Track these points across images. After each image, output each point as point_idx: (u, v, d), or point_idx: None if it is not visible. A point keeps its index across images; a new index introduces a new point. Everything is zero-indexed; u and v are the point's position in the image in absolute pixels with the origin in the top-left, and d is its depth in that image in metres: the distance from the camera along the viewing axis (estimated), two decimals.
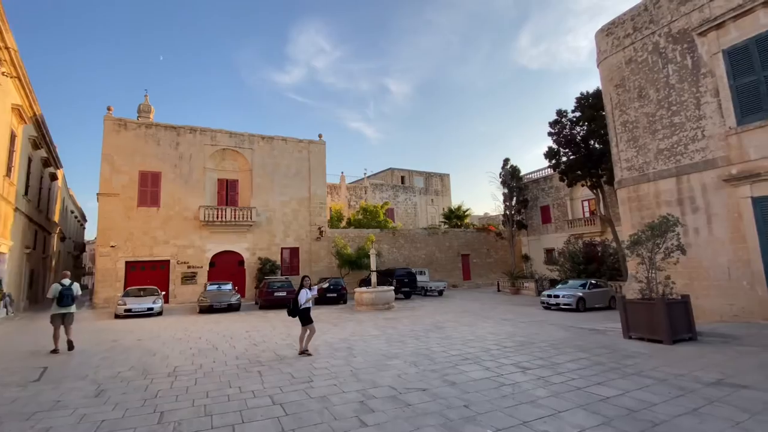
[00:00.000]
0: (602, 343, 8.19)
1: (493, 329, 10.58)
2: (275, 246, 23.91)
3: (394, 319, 13.05)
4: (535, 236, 30.95)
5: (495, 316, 13.82)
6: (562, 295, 16.47)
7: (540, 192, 30.72)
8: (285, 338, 9.70)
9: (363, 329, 10.78)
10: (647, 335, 8.28)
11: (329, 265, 24.61)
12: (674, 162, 10.62)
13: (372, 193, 34.53)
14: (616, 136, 12.16)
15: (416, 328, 10.97)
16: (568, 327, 10.91)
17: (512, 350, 7.70)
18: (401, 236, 28.20)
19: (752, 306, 9.03)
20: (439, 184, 47.26)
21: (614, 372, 5.86)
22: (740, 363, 6.17)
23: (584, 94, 20.83)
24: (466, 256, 30.41)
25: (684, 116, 10.44)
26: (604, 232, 24.94)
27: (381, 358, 7.14)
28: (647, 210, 11.22)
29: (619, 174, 12.10)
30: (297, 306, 7.44)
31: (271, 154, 24.75)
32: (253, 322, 12.91)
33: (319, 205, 25.31)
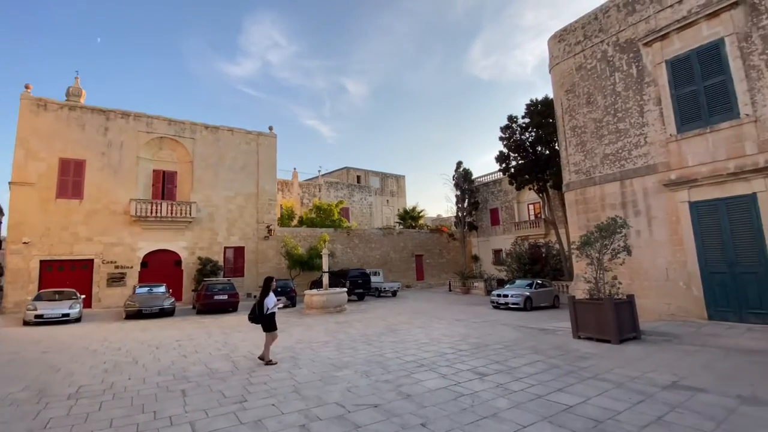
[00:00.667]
0: (554, 344, 8.14)
1: (447, 331, 10.29)
2: (218, 245, 22.15)
3: (346, 322, 12.36)
4: (484, 237, 31.76)
5: (448, 316, 13.64)
6: (511, 294, 16.77)
7: (490, 195, 31.58)
8: (221, 348, 8.65)
9: (311, 335, 9.99)
10: (596, 335, 8.36)
11: (278, 266, 23.29)
12: (619, 166, 11.03)
13: (326, 191, 33.49)
14: (566, 140, 12.48)
15: (369, 331, 10.39)
16: (518, 327, 10.91)
17: (468, 354, 7.37)
18: (356, 236, 27.53)
19: (688, 305, 9.53)
20: (394, 185, 47.24)
21: (571, 376, 5.66)
22: (687, 363, 6.27)
23: (534, 101, 21.57)
24: (420, 256, 30.44)
25: (629, 123, 10.88)
26: (547, 234, 26.07)
27: (329, 369, 6.44)
28: (593, 212, 11.58)
29: (567, 177, 12.42)
30: (262, 311, 6.79)
31: (215, 145, 22.93)
32: (187, 330, 11.57)
33: (268, 201, 23.89)
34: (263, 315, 6.79)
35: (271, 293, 6.94)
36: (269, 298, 6.85)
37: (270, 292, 6.94)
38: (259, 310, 6.86)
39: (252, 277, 22.64)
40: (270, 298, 6.83)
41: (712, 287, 9.17)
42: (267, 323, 6.81)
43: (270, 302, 6.80)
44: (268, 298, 6.84)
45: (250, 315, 7.01)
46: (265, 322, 6.81)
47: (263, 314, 6.79)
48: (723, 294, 8.99)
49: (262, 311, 6.82)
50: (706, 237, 9.31)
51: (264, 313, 6.78)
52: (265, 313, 6.78)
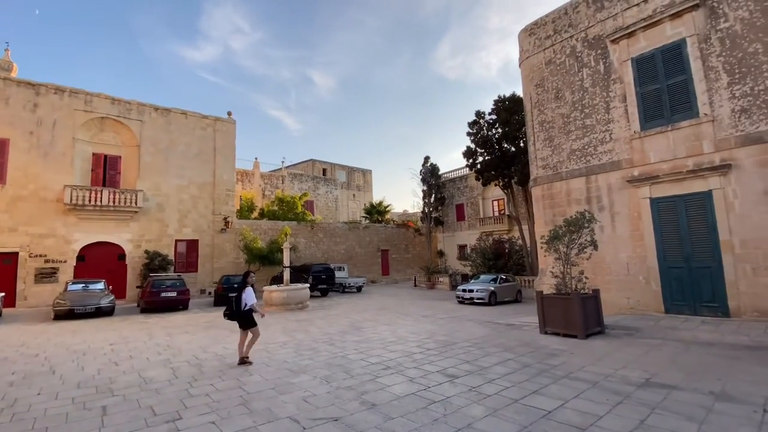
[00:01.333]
0: (522, 340, 7.94)
1: (414, 328, 9.88)
2: (168, 237, 20.47)
3: (307, 320, 11.64)
4: (449, 233, 31.94)
5: (414, 312, 13.28)
6: (476, 289, 16.74)
7: (456, 191, 31.75)
8: (161, 352, 7.67)
9: (268, 335, 9.20)
10: (562, 330, 8.27)
11: (236, 261, 21.96)
12: (585, 162, 11.10)
13: (290, 183, 32.14)
14: (534, 135, 12.44)
15: (331, 330, 9.75)
16: (485, 323, 10.73)
17: (436, 353, 6.96)
18: (320, 230, 26.61)
19: (647, 299, 9.73)
20: (361, 179, 46.48)
21: (545, 375, 5.38)
22: (653, 358, 6.22)
23: (502, 97, 21.70)
24: (386, 251, 30.05)
25: (595, 119, 10.95)
26: (510, 230, 26.58)
27: (285, 375, 5.76)
28: (559, 207, 11.61)
29: (534, 172, 12.40)
30: (240, 307, 6.32)
31: (166, 129, 21.11)
32: (126, 331, 10.36)
33: (225, 192, 22.42)
34: (241, 311, 6.32)
35: (249, 288, 6.46)
36: (247, 292, 6.37)
37: (249, 287, 6.46)
38: (236, 306, 6.36)
39: (207, 272, 21.19)
40: (248, 292, 6.37)
41: (669, 281, 9.40)
42: (245, 320, 6.37)
43: (249, 297, 6.34)
44: (246, 292, 6.36)
45: (226, 311, 6.52)
46: (243, 319, 6.36)
47: (241, 310, 6.32)
48: (679, 288, 9.23)
49: (239, 307, 6.33)
50: (665, 233, 9.51)
51: (242, 310, 6.31)
52: (243, 309, 6.31)
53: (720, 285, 8.58)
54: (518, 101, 21.08)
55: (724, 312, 8.52)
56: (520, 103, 21.08)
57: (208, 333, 9.73)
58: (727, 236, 8.53)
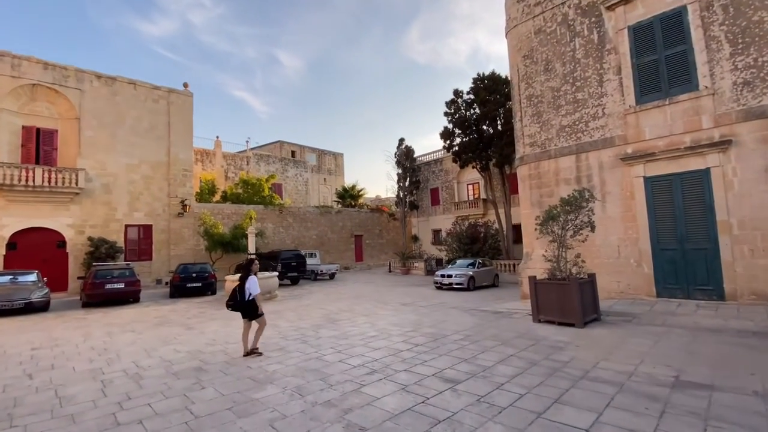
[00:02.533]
0: (517, 331, 7.22)
1: (395, 318, 8.98)
2: (116, 223, 18.35)
3: (275, 313, 10.45)
4: (424, 217, 31.30)
5: (393, 300, 12.41)
6: (455, 274, 16.12)
7: (431, 174, 31.01)
8: (94, 358, 6.30)
9: (229, 333, 7.98)
10: (558, 318, 7.63)
11: (196, 248, 20.16)
12: (575, 139, 10.46)
13: (256, 164, 30.07)
14: (521, 110, 11.65)
15: (304, 324, 8.66)
16: (470, 310, 10.01)
17: (426, 350, 6.06)
18: (290, 215, 25.07)
19: (638, 283, 9.32)
20: (332, 163, 44.71)
21: (559, 377, 4.60)
22: (666, 349, 5.62)
23: (481, 75, 20.85)
24: (360, 236, 28.99)
25: (587, 92, 10.27)
26: (486, 213, 26.23)
27: (247, 387, 4.65)
28: (546, 188, 10.97)
29: (521, 150, 11.66)
30: (244, 297, 5.95)
31: (111, 100, 18.70)
32: (58, 331, 8.78)
33: (182, 172, 20.37)
34: (245, 301, 5.95)
35: (253, 277, 6.06)
36: (251, 281, 6.00)
37: (252, 276, 6.07)
38: (240, 296, 5.97)
39: (163, 260, 19.30)
40: (252, 281, 5.99)
41: (662, 264, 8.99)
42: (250, 310, 5.99)
43: (253, 287, 5.97)
44: (249, 281, 5.99)
45: (230, 302, 6.10)
46: (248, 309, 5.99)
47: (245, 300, 5.95)
48: (672, 271, 8.84)
49: (243, 297, 5.95)
50: (659, 213, 9.05)
51: (246, 299, 5.95)
52: (247, 299, 5.95)
53: (716, 267, 8.22)
54: (498, 80, 20.34)
55: (719, 295, 8.19)
56: (499, 82, 20.36)
57: (158, 331, 8.37)
58: (724, 216, 8.13)
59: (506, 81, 20.50)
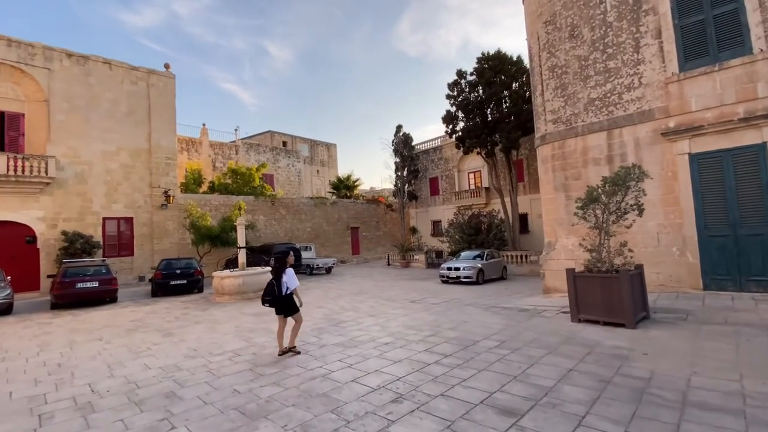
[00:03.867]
0: (558, 334, 6.09)
1: (408, 319, 7.80)
2: (93, 215, 16.83)
3: (269, 312, 9.19)
4: (423, 208, 30.12)
5: (399, 296, 11.24)
6: (463, 267, 15.02)
7: (430, 163, 29.77)
8: (43, 378, 5.00)
9: (214, 340, 6.74)
10: (603, 317, 6.52)
11: (181, 242, 18.73)
12: (606, 113, 9.29)
13: (245, 154, 28.47)
14: (542, 83, 10.45)
15: (303, 327, 7.43)
16: (489, 308, 8.89)
17: (459, 361, 4.90)
18: (282, 206, 23.67)
19: (680, 274, 8.26)
20: (325, 154, 43.14)
21: (653, 404, 3.45)
22: (754, 355, 4.53)
23: (486, 54, 19.55)
24: (356, 229, 27.73)
25: (620, 60, 9.09)
26: (488, 203, 25.17)
27: (232, 424, 3.43)
28: (572, 169, 9.83)
29: (542, 128, 10.48)
30: (281, 291, 5.52)
31: (84, 81, 17.04)
32: (12, 340, 7.43)
33: (165, 160, 18.83)
34: (283, 296, 5.53)
35: (290, 269, 5.69)
36: (289, 275, 5.62)
37: (290, 269, 5.68)
38: (278, 292, 5.51)
39: (145, 255, 17.86)
40: (290, 275, 5.64)
41: (710, 253, 7.93)
42: (288, 306, 5.60)
43: (291, 280, 5.60)
44: (287, 275, 5.60)
45: (266, 297, 5.63)
46: (286, 305, 5.59)
47: (282, 295, 5.53)
48: (722, 260, 7.78)
49: (280, 291, 5.52)
50: (706, 195, 7.96)
51: (284, 294, 5.53)
52: (285, 294, 5.53)
53: None
54: (504, 59, 19.09)
55: None
56: (505, 62, 19.12)
57: (130, 339, 7.08)
58: None
59: (512, 61, 19.26)
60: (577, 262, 9.78)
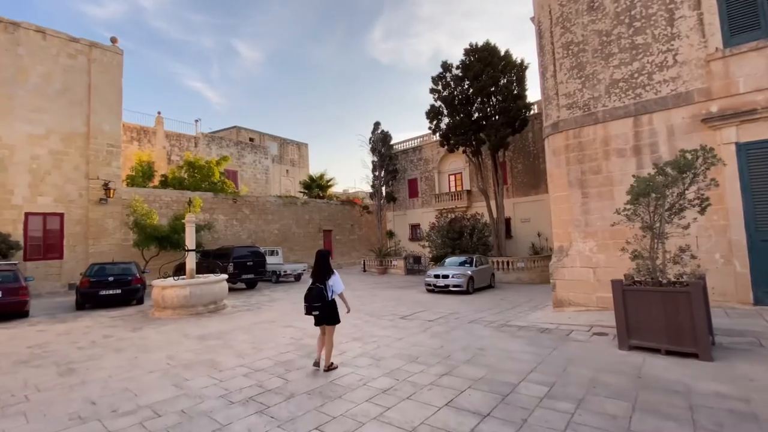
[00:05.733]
0: (621, 371, 4.47)
1: (405, 344, 5.99)
2: (13, 209, 13.93)
3: (220, 335, 7.10)
4: (401, 211, 28.47)
5: (383, 310, 9.41)
6: (452, 275, 13.42)
7: (408, 164, 28.22)
8: None
9: (131, 382, 4.62)
10: (666, 344, 4.99)
11: (124, 243, 16.01)
12: (633, 97, 7.97)
13: (206, 147, 25.70)
14: (555, 63, 9.04)
15: (263, 359, 5.45)
16: (501, 327, 7.25)
17: (507, 427, 3.13)
18: (246, 205, 21.26)
19: (725, 286, 6.96)
20: (295, 153, 40.70)
21: None
22: None
23: (473, 45, 18.25)
24: (329, 232, 25.64)
25: (651, 35, 7.80)
26: (470, 206, 23.90)
27: None
28: (591, 162, 8.43)
29: (554, 114, 9.05)
30: (325, 298, 4.66)
31: (11, 51, 14.20)
32: None
33: (107, 148, 16.11)
34: (327, 303, 4.66)
35: (336, 273, 4.86)
36: (336, 278, 4.81)
37: (335, 273, 4.84)
38: (322, 297, 4.64)
39: (78, 258, 15.03)
40: (336, 277, 4.81)
41: (762, 261, 6.66)
42: (334, 313, 4.75)
43: (337, 284, 4.80)
44: (334, 278, 4.80)
45: (317, 304, 4.64)
46: (332, 312, 4.73)
47: (327, 301, 4.66)
48: None
49: (324, 298, 4.64)
50: (757, 192, 6.72)
51: (328, 300, 4.66)
52: (329, 300, 4.68)
53: None
54: (493, 51, 17.85)
55: None
56: (494, 54, 17.89)
57: (8, 380, 4.81)
58: None
59: (501, 55, 18.07)
60: (596, 271, 8.41)
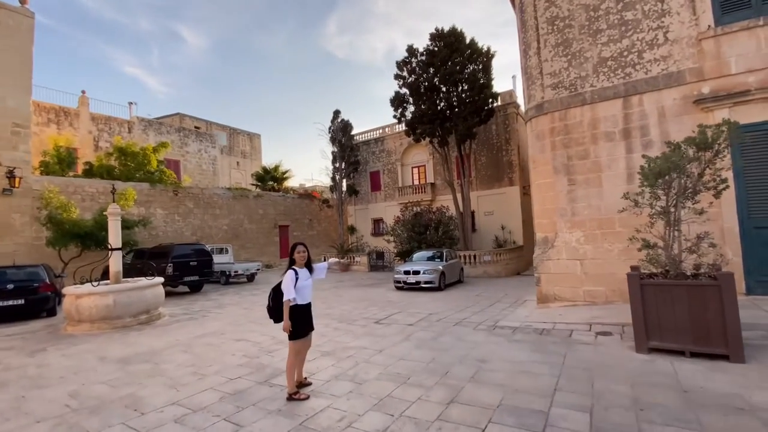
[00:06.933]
0: (656, 382, 3.74)
1: (387, 358, 4.92)
2: None
3: (149, 355, 5.57)
4: (362, 205, 27.31)
5: (354, 313, 8.28)
6: (423, 270, 12.59)
7: (371, 156, 27.09)
8: None
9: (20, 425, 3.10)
10: (691, 346, 4.37)
11: (35, 242, 13.38)
12: (622, 76, 7.47)
13: (142, 132, 22.71)
14: (539, 39, 8.37)
15: (204, 387, 4.11)
16: (491, 329, 6.45)
17: None
18: (190, 198, 18.98)
19: None
20: (247, 144, 37.83)
21: None
22: None
23: (439, 30, 17.47)
24: (285, 227, 23.88)
25: (641, 11, 7.33)
26: (434, 200, 23.34)
27: None
28: (578, 146, 7.87)
29: (538, 95, 8.39)
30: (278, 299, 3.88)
31: None
32: None
33: (11, 128, 13.30)
34: (298, 308, 3.86)
35: (290, 271, 3.89)
36: (287, 277, 3.84)
37: (290, 270, 3.88)
38: (274, 299, 4.01)
39: None
40: (287, 277, 3.85)
41: (755, 249, 6.40)
42: (303, 320, 4.01)
43: (285, 283, 3.82)
44: (286, 277, 3.83)
45: (273, 308, 4.05)
46: (302, 319, 3.98)
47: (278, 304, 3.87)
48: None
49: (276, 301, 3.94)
50: (750, 177, 6.43)
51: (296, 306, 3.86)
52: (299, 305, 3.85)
53: None
54: (460, 36, 17.20)
55: None
56: (462, 40, 17.24)
57: None
58: None
59: (466, 42, 17.47)
60: (583, 263, 7.89)
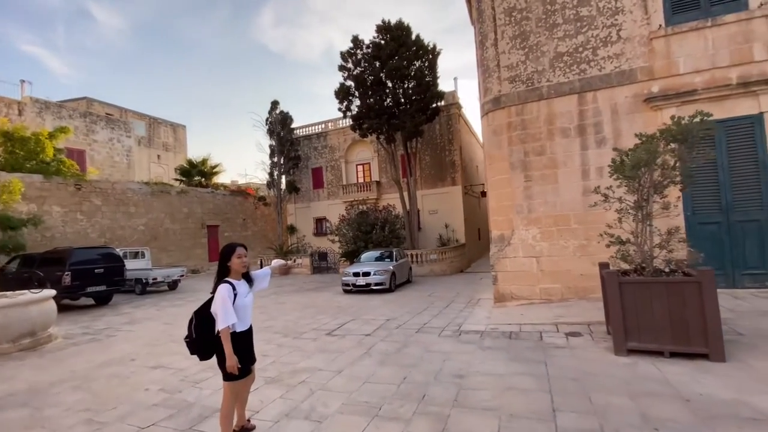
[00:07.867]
0: (653, 391, 3.38)
1: (348, 382, 4.09)
2: None
3: (28, 396, 4.09)
4: (304, 203, 25.86)
5: (301, 323, 7.26)
6: (374, 271, 11.89)
7: (312, 151, 25.74)
8: None
9: None
10: (670, 345, 4.16)
11: None
12: (578, 72, 7.41)
13: (37, 116, 18.97)
14: (496, 30, 8.07)
15: None
16: (456, 334, 5.93)
17: None
18: (98, 193, 16.18)
19: None
20: (170, 136, 33.83)
21: None
22: None
23: (386, 22, 16.89)
24: (215, 227, 21.64)
25: (595, 7, 7.32)
26: (380, 198, 22.81)
27: None
28: (535, 142, 7.69)
29: (495, 88, 8.09)
30: (204, 330, 2.75)
31: None
32: None
33: None
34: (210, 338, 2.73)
35: (224, 284, 2.73)
36: (220, 293, 2.70)
37: (223, 285, 2.72)
38: (196, 330, 2.77)
39: None
40: (222, 293, 2.68)
41: (699, 243, 6.59)
42: (243, 353, 2.85)
43: (220, 307, 2.66)
44: (217, 292, 2.71)
45: (193, 340, 2.82)
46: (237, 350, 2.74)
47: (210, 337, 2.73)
48: (714, 251, 6.52)
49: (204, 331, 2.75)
50: (697, 174, 6.62)
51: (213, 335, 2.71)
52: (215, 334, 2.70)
53: None
54: (407, 30, 16.77)
55: None
56: (409, 34, 16.84)
57: None
58: None
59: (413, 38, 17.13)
60: (539, 261, 7.73)
